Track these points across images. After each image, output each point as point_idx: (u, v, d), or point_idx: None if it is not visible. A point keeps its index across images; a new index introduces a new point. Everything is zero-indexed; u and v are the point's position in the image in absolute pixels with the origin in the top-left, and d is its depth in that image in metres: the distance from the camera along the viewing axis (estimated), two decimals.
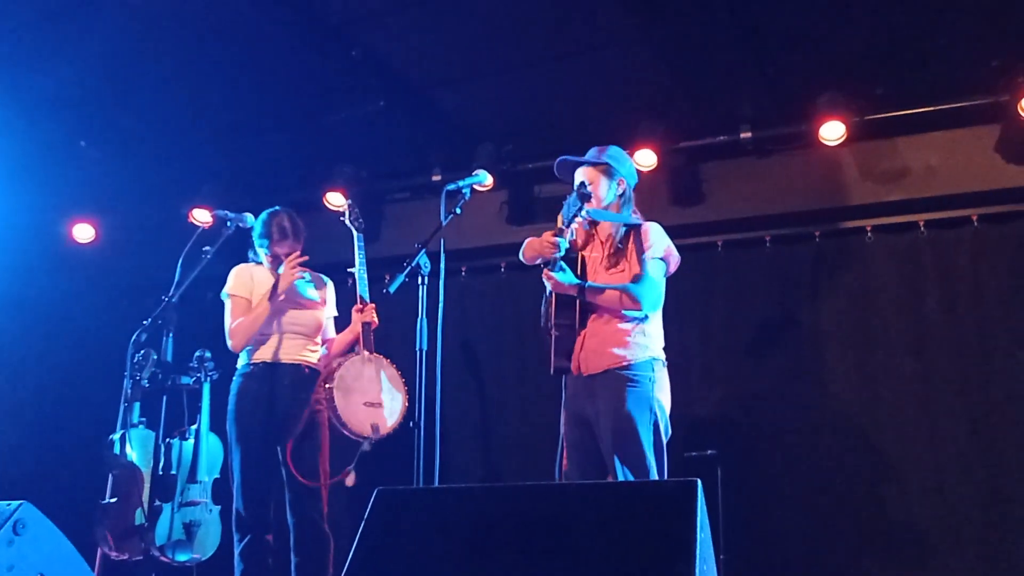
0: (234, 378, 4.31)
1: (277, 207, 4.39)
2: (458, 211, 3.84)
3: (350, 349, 4.40)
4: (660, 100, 5.26)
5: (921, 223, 5.25)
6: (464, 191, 3.90)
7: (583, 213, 3.72)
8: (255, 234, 4.36)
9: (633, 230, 3.84)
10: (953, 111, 5.00)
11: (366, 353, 4.26)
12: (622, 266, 3.78)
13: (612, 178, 3.85)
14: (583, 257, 3.91)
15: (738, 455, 5.12)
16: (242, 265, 4.43)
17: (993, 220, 5.12)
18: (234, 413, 4.23)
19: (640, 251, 3.76)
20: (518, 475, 5.68)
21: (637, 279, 3.71)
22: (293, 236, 4.29)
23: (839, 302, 5.35)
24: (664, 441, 3.69)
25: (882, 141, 5.27)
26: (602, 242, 3.90)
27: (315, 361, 4.39)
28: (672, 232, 3.87)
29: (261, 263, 4.40)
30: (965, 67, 4.81)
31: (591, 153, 3.90)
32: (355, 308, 4.36)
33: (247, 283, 4.31)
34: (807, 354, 5.35)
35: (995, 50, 4.71)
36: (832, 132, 5.04)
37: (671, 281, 3.87)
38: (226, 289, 4.34)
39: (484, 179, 4.27)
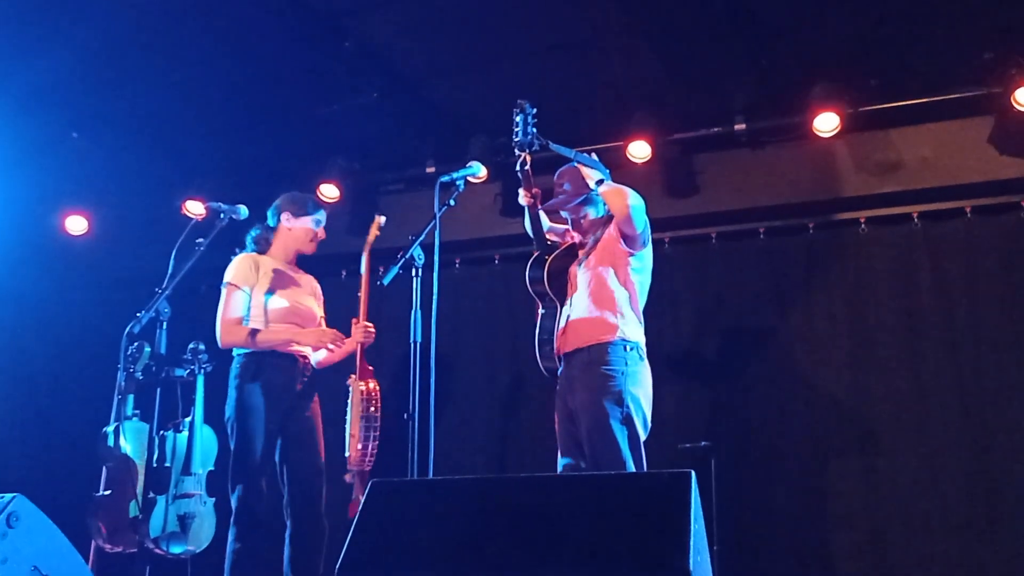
0: (235, 363, 4.23)
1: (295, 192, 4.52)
2: (452, 203, 3.83)
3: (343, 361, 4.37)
4: (654, 92, 5.26)
5: (915, 215, 5.27)
6: (458, 183, 3.89)
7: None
8: (305, 213, 4.40)
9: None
10: (947, 103, 5.01)
11: (353, 377, 4.17)
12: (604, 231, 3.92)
13: (594, 203, 3.99)
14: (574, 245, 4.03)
15: (731, 446, 5.14)
16: (245, 254, 4.36)
17: (986, 212, 5.15)
18: (235, 396, 4.15)
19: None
20: (512, 466, 5.69)
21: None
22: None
23: (832, 293, 5.37)
24: (641, 436, 3.69)
25: (876, 133, 5.28)
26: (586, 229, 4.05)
27: (311, 357, 4.35)
28: (666, 224, 3.91)
29: (262, 253, 4.36)
30: (959, 59, 4.82)
31: (563, 194, 4.01)
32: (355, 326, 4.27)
33: (249, 274, 4.25)
34: (800, 345, 5.36)
35: (988, 42, 4.72)
36: (826, 124, 5.04)
37: (664, 274, 3.88)
38: (226, 278, 4.25)
39: (478, 171, 4.24)
